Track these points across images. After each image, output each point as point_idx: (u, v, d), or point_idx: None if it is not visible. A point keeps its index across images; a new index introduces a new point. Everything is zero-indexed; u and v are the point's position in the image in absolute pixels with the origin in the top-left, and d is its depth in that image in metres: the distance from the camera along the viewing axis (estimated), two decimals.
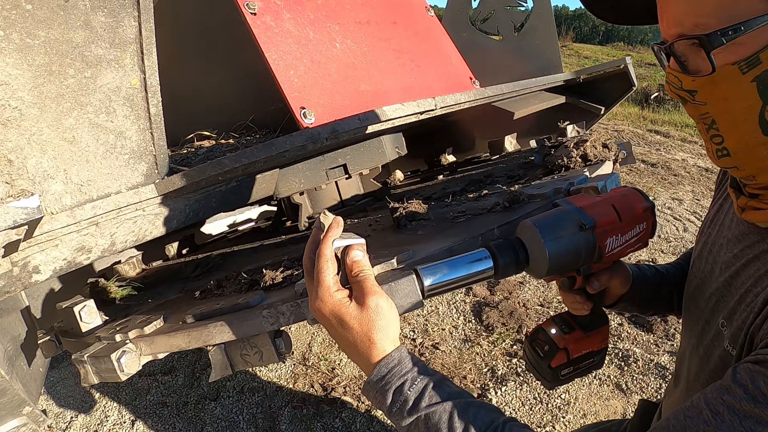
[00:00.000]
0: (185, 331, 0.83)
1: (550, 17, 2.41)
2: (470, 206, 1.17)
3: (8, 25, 0.87)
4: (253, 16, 1.32)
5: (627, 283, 0.95)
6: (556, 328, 0.95)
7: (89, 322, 0.97)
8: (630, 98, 8.42)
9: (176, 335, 0.84)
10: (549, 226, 0.75)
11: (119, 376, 0.84)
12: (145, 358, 0.88)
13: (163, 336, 0.86)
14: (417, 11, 1.94)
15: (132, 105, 1.02)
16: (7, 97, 0.87)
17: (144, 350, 0.88)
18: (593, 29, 33.41)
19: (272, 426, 2.35)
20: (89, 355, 0.86)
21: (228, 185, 1.24)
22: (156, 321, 0.90)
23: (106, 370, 0.85)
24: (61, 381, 2.80)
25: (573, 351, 0.93)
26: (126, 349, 0.85)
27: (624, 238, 0.80)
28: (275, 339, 0.81)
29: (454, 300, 3.22)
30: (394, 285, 0.70)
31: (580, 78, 2.14)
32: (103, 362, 0.85)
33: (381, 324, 0.67)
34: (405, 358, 0.68)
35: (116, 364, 0.83)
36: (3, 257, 0.83)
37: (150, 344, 0.87)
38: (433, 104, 1.42)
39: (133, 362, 0.86)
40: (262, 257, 1.31)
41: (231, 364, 0.85)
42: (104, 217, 0.99)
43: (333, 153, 1.46)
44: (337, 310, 0.67)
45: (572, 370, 0.94)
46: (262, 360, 0.82)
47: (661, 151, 6.61)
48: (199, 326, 0.83)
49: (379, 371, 0.68)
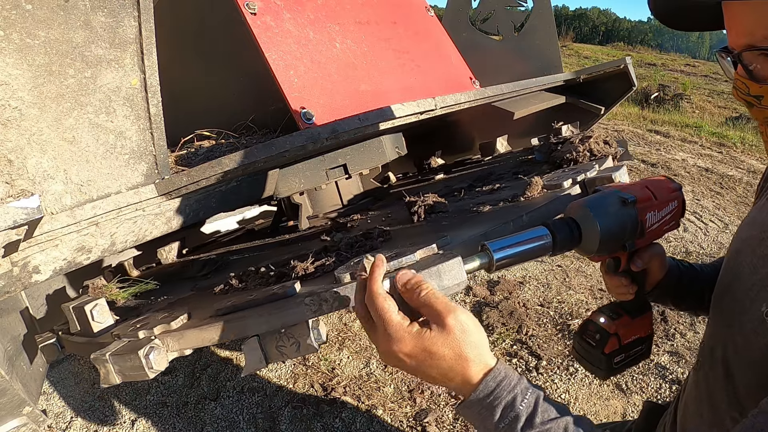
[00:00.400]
0: (219, 323, 0.81)
1: (550, 17, 2.41)
2: (487, 198, 1.21)
3: (8, 25, 0.87)
4: (253, 16, 1.32)
5: (665, 267, 1.00)
6: (605, 317, 0.99)
7: (101, 322, 0.95)
8: (630, 98, 8.43)
9: (208, 328, 0.81)
10: (596, 204, 0.83)
11: (147, 373, 0.81)
12: (172, 354, 0.86)
13: (193, 330, 0.83)
14: (417, 11, 1.94)
15: (132, 105, 1.02)
16: (7, 97, 0.87)
17: (171, 346, 0.84)
18: (593, 29, 33.40)
19: (272, 426, 2.35)
20: (111, 354, 0.83)
21: (228, 185, 1.24)
22: (181, 316, 0.88)
23: (131, 368, 0.82)
24: (61, 381, 2.80)
25: (623, 336, 0.96)
26: (153, 345, 0.82)
27: (660, 215, 0.88)
28: (312, 328, 0.79)
29: (454, 300, 3.22)
30: (441, 267, 0.71)
31: (580, 78, 2.14)
32: (129, 360, 0.81)
33: (472, 340, 0.63)
34: (509, 370, 0.66)
35: (144, 361, 0.80)
36: (3, 257, 0.83)
37: (179, 339, 0.84)
38: (433, 104, 1.42)
39: (162, 358, 0.83)
40: (267, 256, 1.31)
41: (265, 357, 0.81)
42: (104, 217, 0.99)
43: (333, 153, 1.46)
44: (421, 344, 0.62)
45: (624, 358, 0.97)
46: (299, 351, 0.79)
47: (661, 151, 6.61)
48: (234, 318, 0.80)
49: (486, 386, 0.64)
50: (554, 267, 3.60)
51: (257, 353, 0.81)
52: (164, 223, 1.12)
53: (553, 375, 2.51)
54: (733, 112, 10.19)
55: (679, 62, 18.19)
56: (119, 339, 0.87)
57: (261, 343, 0.80)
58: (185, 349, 0.85)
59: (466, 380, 0.65)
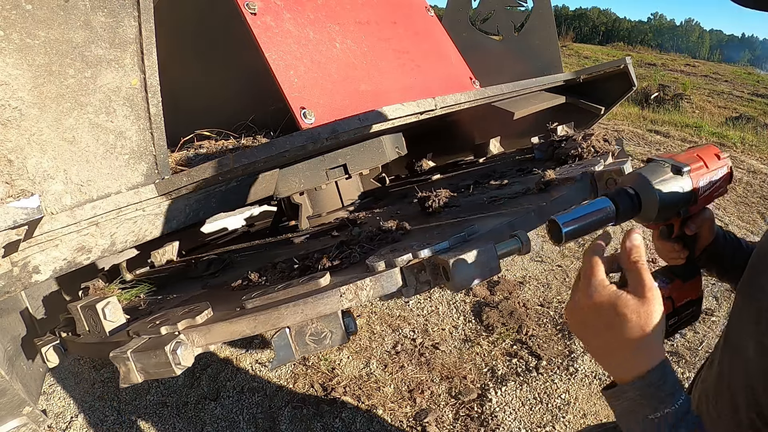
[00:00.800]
0: (250, 315, 0.79)
1: (550, 17, 2.41)
2: (497, 193, 1.23)
3: (8, 26, 0.87)
4: (253, 16, 1.32)
5: (713, 231, 1.02)
6: (658, 281, 1.01)
7: (114, 321, 0.93)
8: (630, 98, 8.42)
9: (239, 321, 0.79)
10: (654, 174, 0.87)
11: (174, 369, 0.78)
12: (197, 349, 0.83)
13: (221, 324, 0.81)
14: (417, 11, 1.94)
15: (132, 105, 1.02)
16: (8, 97, 0.87)
17: (197, 341, 0.82)
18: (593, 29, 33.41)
19: (272, 426, 2.35)
20: (133, 351, 0.80)
21: (228, 185, 1.24)
22: (206, 311, 0.85)
23: (156, 365, 0.79)
24: (61, 381, 2.79)
25: (677, 299, 0.99)
26: (179, 340, 0.80)
27: (711, 181, 0.92)
28: (344, 318, 0.79)
29: (454, 300, 3.22)
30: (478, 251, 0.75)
31: (580, 78, 2.14)
32: (154, 356, 0.79)
33: (659, 320, 0.64)
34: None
35: (171, 357, 0.77)
36: (3, 257, 0.83)
37: (205, 334, 0.82)
38: (433, 104, 1.42)
39: (189, 354, 0.81)
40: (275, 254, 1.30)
41: (296, 350, 0.80)
42: (104, 217, 0.99)
43: (333, 153, 1.46)
44: (615, 301, 0.64)
45: (677, 321, 1.00)
46: (331, 342, 0.78)
47: (661, 150, 6.61)
48: (266, 310, 0.78)
49: (664, 369, 0.64)
50: (554, 267, 3.60)
51: (288, 345, 0.80)
52: (164, 223, 1.12)
53: (553, 375, 2.51)
54: (733, 112, 10.19)
55: (679, 62, 18.20)
56: (138, 336, 0.85)
57: (292, 336, 0.79)
58: (211, 343, 0.83)
59: (636, 357, 0.65)
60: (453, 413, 2.34)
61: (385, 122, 1.30)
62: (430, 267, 0.79)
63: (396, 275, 0.78)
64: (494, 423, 2.25)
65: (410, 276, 0.79)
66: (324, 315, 0.77)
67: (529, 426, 2.24)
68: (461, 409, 2.36)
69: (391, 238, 0.99)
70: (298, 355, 0.80)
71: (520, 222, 0.94)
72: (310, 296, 0.77)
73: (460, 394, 2.45)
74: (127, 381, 0.81)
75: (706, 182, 0.91)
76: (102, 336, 0.92)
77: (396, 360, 2.72)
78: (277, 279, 0.97)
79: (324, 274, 0.83)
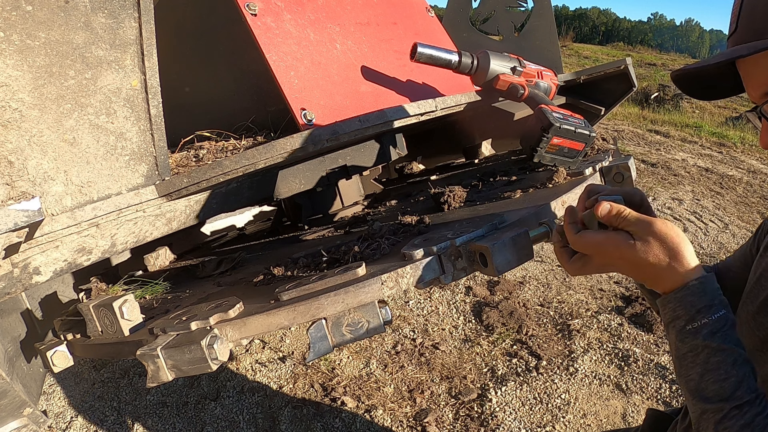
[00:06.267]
0: (288, 307, 0.78)
1: (550, 17, 2.41)
2: (507, 189, 1.25)
3: (8, 27, 0.87)
4: (253, 17, 1.32)
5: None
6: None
7: (132, 320, 0.90)
8: (630, 98, 8.42)
9: (276, 313, 0.79)
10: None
11: (210, 365, 0.76)
12: (230, 344, 0.82)
13: (257, 317, 0.79)
14: (417, 12, 1.94)
15: (132, 106, 1.02)
16: (8, 99, 0.87)
17: (231, 335, 0.81)
18: (593, 29, 33.38)
19: (272, 426, 2.36)
20: (163, 348, 0.78)
21: (228, 186, 1.24)
22: (237, 305, 0.84)
23: (190, 361, 0.77)
24: (61, 381, 2.80)
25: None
26: (214, 334, 0.78)
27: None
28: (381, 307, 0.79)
29: (454, 300, 3.22)
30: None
31: (581, 78, 2.14)
32: (188, 352, 0.76)
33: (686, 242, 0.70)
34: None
35: (207, 352, 0.76)
36: (3, 259, 0.83)
37: (240, 327, 0.80)
38: (434, 105, 1.42)
39: (224, 348, 0.79)
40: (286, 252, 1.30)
41: (332, 341, 0.80)
42: (105, 219, 0.99)
43: (333, 154, 1.46)
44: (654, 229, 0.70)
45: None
46: (368, 332, 0.78)
47: (661, 151, 6.61)
48: (305, 300, 0.78)
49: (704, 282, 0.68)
50: (554, 267, 3.60)
51: (324, 337, 0.79)
52: (165, 224, 1.12)
53: (553, 375, 2.51)
54: (733, 112, 10.19)
55: (679, 62, 18.20)
56: (164, 333, 0.83)
57: (328, 326, 0.79)
58: (245, 337, 0.81)
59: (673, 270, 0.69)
60: (453, 413, 2.34)
61: (386, 123, 1.30)
62: (466, 254, 0.82)
63: (434, 263, 0.80)
64: (494, 423, 2.26)
65: (448, 263, 0.82)
66: (364, 304, 0.78)
67: (529, 426, 2.25)
68: (461, 409, 2.37)
69: (416, 230, 1.00)
70: (335, 346, 0.80)
71: (545, 212, 0.97)
72: (351, 285, 0.78)
73: (460, 394, 2.45)
74: (155, 380, 0.79)
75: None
76: (119, 336, 0.90)
77: (396, 360, 2.73)
78: (303, 273, 0.96)
79: (360, 264, 0.83)
